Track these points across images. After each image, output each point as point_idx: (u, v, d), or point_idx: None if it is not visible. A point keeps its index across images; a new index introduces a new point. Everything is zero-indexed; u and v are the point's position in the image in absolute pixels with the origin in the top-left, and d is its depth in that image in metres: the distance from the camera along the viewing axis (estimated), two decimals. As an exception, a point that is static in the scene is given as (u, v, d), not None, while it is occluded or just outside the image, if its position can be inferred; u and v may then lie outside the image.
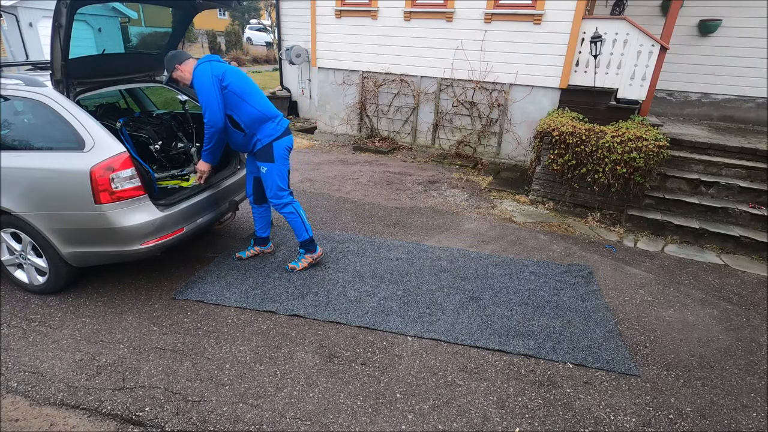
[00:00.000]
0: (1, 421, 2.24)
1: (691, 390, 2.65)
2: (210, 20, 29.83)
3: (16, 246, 3.15)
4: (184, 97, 3.90)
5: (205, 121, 3.14)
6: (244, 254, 3.85)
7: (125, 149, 2.86)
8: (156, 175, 3.46)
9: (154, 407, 2.34)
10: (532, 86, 6.79)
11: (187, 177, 3.75)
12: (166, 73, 3.27)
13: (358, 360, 2.74)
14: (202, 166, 3.35)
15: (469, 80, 7.16)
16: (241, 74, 3.29)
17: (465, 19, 6.87)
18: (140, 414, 2.30)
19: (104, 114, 3.70)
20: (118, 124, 3.35)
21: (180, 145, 3.83)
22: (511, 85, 6.93)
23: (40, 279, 3.23)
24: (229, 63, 3.45)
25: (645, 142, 4.74)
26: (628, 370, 2.74)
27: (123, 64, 3.75)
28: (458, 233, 4.65)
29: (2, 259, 3.25)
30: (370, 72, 7.95)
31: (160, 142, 3.59)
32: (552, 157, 5.30)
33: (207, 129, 3.16)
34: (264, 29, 26.87)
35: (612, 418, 2.40)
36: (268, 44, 25.75)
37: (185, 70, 3.18)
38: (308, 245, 3.64)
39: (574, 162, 5.14)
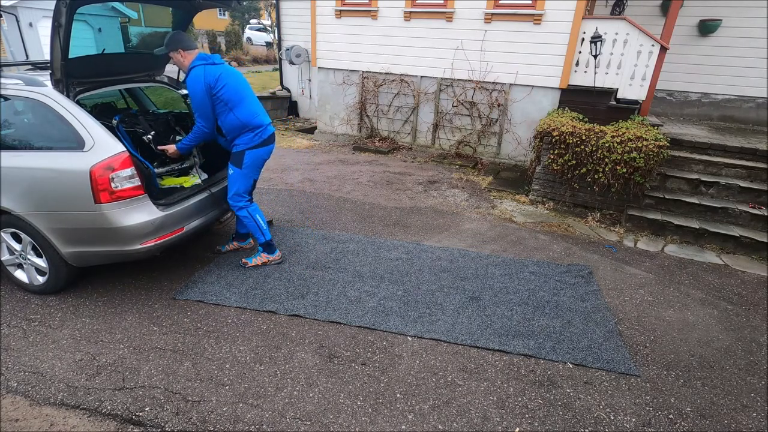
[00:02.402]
0: (1, 421, 2.24)
1: (691, 390, 2.64)
2: (210, 20, 29.81)
3: (16, 246, 3.15)
4: (185, 91, 3.89)
5: (199, 123, 3.28)
6: (224, 248, 3.98)
7: (125, 149, 2.86)
8: (156, 170, 3.46)
9: (154, 407, 2.34)
10: (532, 86, 6.79)
11: (186, 170, 3.75)
12: (164, 48, 3.28)
13: (358, 360, 2.74)
14: (173, 151, 3.42)
15: (469, 80, 7.16)
16: (235, 79, 3.30)
17: (465, 19, 6.87)
18: (140, 414, 2.29)
19: (100, 113, 3.69)
20: (114, 122, 3.34)
21: (178, 138, 3.81)
22: (511, 85, 6.93)
23: (40, 279, 3.23)
24: (229, 63, 3.45)
25: (645, 142, 4.74)
26: (628, 370, 2.74)
27: (123, 64, 3.75)
28: (458, 233, 4.64)
29: (2, 259, 3.24)
30: (370, 72, 7.95)
31: (152, 132, 3.58)
32: (552, 157, 5.29)
33: (198, 129, 3.30)
34: (264, 29, 26.86)
35: (612, 418, 2.40)
36: (268, 44, 25.75)
37: (186, 59, 3.24)
38: (266, 247, 3.72)
39: (574, 162, 5.14)
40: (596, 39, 5.79)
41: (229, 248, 3.97)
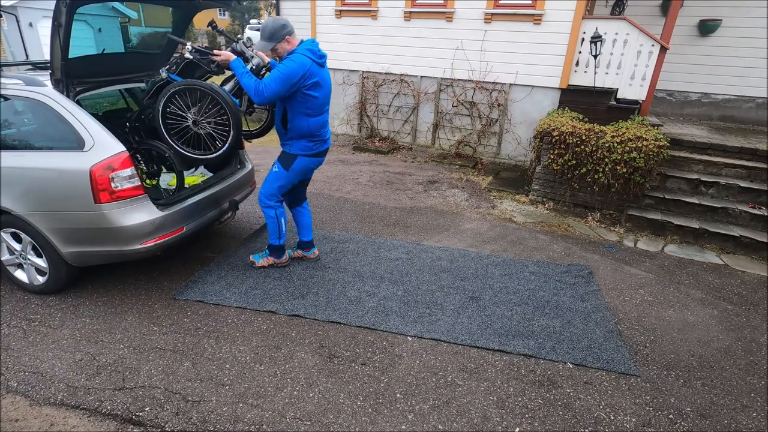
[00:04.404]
0: (1, 421, 2.24)
1: (691, 390, 2.64)
2: (210, 20, 29.78)
3: (16, 246, 3.15)
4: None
5: (264, 84, 2.91)
6: (290, 253, 3.84)
7: (124, 149, 2.87)
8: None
9: (154, 407, 2.34)
10: (532, 86, 6.79)
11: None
12: (269, 43, 3.01)
13: (358, 360, 2.74)
14: (224, 58, 3.05)
15: (469, 80, 7.16)
16: (327, 90, 3.17)
17: (465, 19, 6.88)
18: (140, 414, 2.29)
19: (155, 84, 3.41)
20: (164, 74, 3.13)
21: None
22: (511, 85, 6.93)
23: (40, 279, 3.23)
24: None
25: (645, 142, 4.74)
26: (628, 370, 2.74)
27: (123, 63, 3.75)
28: (458, 233, 4.64)
29: (2, 259, 3.24)
30: (370, 72, 7.95)
31: (189, 43, 3.22)
32: (552, 157, 5.29)
33: (260, 87, 2.92)
34: (264, 29, 26.80)
35: (612, 418, 2.40)
36: (268, 44, 25.71)
37: (292, 43, 3.05)
38: (275, 250, 3.66)
39: (574, 162, 5.14)
40: (596, 39, 5.79)
41: (295, 255, 3.86)
